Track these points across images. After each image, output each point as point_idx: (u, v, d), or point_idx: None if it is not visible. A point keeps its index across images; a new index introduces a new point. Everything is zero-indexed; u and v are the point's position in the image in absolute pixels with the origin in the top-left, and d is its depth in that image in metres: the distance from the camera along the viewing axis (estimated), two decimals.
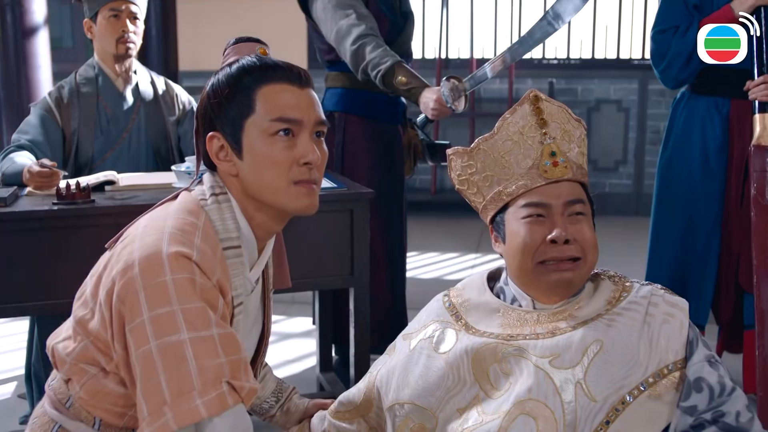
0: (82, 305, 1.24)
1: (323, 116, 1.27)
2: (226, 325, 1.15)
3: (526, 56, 3.09)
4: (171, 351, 1.08)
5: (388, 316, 2.60)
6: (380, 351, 2.50)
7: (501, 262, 1.42)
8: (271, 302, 1.43)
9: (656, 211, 2.41)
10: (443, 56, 5.08)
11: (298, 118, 1.22)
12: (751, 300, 2.27)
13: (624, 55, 5.01)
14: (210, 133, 1.24)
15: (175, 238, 1.15)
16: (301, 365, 2.89)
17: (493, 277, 1.43)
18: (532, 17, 5.07)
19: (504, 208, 1.32)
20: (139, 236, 1.18)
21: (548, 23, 2.26)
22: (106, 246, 1.27)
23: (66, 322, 1.30)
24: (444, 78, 2.31)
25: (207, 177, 1.28)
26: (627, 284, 1.33)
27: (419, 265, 3.84)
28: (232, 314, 1.22)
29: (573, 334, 1.24)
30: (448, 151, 1.38)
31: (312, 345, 2.95)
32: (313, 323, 2.72)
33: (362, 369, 2.10)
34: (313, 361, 2.84)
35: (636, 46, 5.00)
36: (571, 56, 5.05)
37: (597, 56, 5.04)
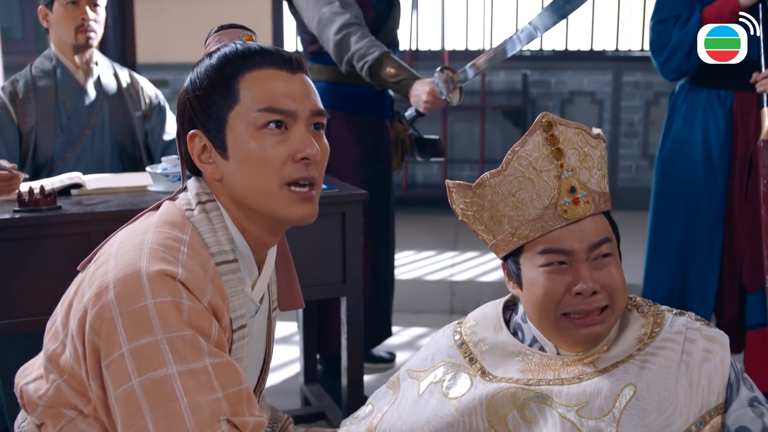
0: (53, 338, 1.07)
1: (321, 105, 1.11)
2: (223, 353, 1.00)
3: None
4: (157, 388, 0.93)
5: (372, 319, 2.48)
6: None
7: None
8: (275, 324, 1.28)
9: (655, 208, 2.33)
10: (413, 48, 4.96)
11: (290, 109, 1.06)
12: (754, 300, 2.21)
13: (598, 47, 4.96)
14: (191, 132, 1.09)
15: (157, 254, 0.99)
16: (282, 374, 2.73)
17: (508, 305, 1.30)
18: (503, 8, 4.98)
19: (518, 250, 1.18)
20: (115, 254, 1.02)
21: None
22: (78, 268, 1.11)
23: (36, 358, 1.14)
24: (437, 69, 2.19)
25: (192, 183, 1.12)
26: (658, 317, 1.21)
27: (396, 265, 3.70)
28: (231, 340, 1.07)
29: (602, 378, 1.13)
30: (449, 183, 1.21)
31: (295, 352, 2.80)
32: (298, 328, 2.58)
33: (355, 382, 1.97)
34: (295, 369, 2.69)
35: (610, 37, 4.97)
36: (545, 48, 4.99)
37: (570, 48, 4.98)
